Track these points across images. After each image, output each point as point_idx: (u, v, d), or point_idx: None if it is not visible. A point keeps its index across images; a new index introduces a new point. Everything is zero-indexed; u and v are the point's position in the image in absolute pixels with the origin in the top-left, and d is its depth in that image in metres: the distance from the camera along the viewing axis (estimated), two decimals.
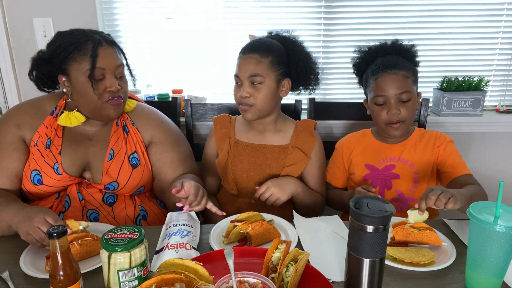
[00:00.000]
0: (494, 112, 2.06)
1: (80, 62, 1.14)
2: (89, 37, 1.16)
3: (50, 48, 1.19)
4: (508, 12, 1.94)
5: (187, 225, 1.05)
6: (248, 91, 1.29)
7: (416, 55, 1.40)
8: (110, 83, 1.16)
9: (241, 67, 1.30)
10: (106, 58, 1.16)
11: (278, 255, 0.85)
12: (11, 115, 1.24)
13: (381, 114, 1.32)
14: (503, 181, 0.85)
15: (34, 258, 0.97)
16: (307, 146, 1.39)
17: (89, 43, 1.14)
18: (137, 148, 1.29)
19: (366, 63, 1.41)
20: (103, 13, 1.90)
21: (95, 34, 1.18)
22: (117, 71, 1.19)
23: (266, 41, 1.35)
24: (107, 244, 0.77)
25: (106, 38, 1.19)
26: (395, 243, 1.02)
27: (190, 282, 0.74)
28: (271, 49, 1.31)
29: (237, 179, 1.40)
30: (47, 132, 1.22)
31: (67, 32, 1.19)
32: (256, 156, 1.39)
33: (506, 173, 2.05)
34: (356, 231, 0.76)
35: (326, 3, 1.91)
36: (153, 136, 1.32)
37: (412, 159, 1.35)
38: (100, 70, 1.15)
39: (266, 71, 1.29)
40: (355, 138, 1.46)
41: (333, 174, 1.48)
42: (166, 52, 1.99)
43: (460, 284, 0.88)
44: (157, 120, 1.36)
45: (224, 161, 1.41)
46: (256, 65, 1.28)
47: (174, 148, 1.34)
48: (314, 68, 1.39)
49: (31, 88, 1.31)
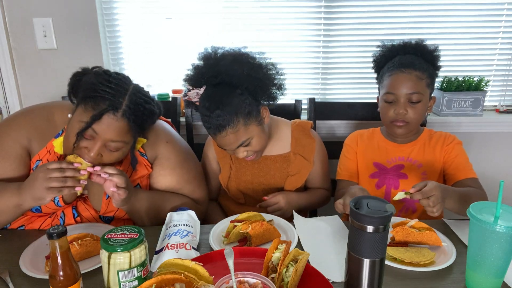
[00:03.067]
0: (494, 112, 2.06)
1: (85, 111, 1.02)
2: (113, 95, 1.02)
3: (86, 78, 1.07)
4: (508, 12, 1.94)
5: (187, 225, 1.05)
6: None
7: (438, 59, 1.37)
8: (90, 148, 1.04)
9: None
10: (107, 128, 1.02)
11: (278, 255, 0.85)
12: (23, 124, 1.14)
13: (389, 111, 1.32)
14: (503, 181, 0.85)
15: (34, 258, 0.97)
16: (307, 150, 1.38)
17: (106, 102, 1.01)
18: (142, 181, 1.22)
19: (385, 60, 1.39)
20: (103, 13, 1.90)
21: (124, 95, 1.04)
22: (112, 145, 1.05)
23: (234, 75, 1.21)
24: (107, 244, 0.77)
25: (127, 108, 1.03)
26: (395, 243, 1.02)
27: (190, 282, 0.74)
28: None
29: (242, 190, 1.40)
30: (48, 159, 1.13)
31: (106, 79, 1.05)
32: (259, 168, 1.38)
33: (506, 173, 2.05)
34: (356, 231, 0.76)
35: (326, 3, 1.91)
36: (156, 156, 1.24)
37: (421, 159, 1.35)
38: (92, 132, 1.02)
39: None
40: (365, 135, 1.46)
41: (347, 169, 1.43)
42: (166, 52, 1.99)
43: (460, 284, 0.88)
44: (162, 139, 1.25)
45: (227, 176, 1.40)
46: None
47: (175, 170, 1.25)
48: (270, 78, 1.26)
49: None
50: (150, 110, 1.10)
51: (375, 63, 1.46)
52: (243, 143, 1.24)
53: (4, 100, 1.92)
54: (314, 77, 2.04)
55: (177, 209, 1.13)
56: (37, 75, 1.89)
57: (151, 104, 1.11)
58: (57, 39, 1.85)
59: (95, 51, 1.88)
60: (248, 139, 1.24)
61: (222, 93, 1.20)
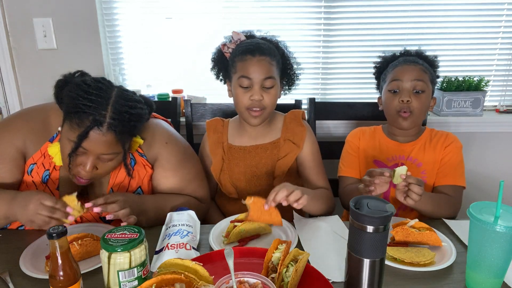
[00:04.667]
0: (494, 112, 2.06)
1: (71, 128, 1.01)
2: (95, 109, 0.99)
3: (68, 89, 1.04)
4: (508, 12, 1.94)
5: (187, 225, 1.05)
6: (261, 94, 1.28)
7: (437, 67, 1.43)
8: (84, 163, 1.04)
9: (254, 69, 1.27)
10: (95, 144, 1.01)
11: (278, 255, 0.85)
12: (20, 127, 1.14)
13: (393, 101, 1.34)
14: (503, 181, 0.85)
15: (34, 258, 0.97)
16: (298, 137, 1.38)
17: (90, 118, 0.99)
18: (144, 182, 1.22)
19: (387, 64, 1.43)
20: (103, 13, 1.90)
21: (106, 105, 1.00)
22: (103, 156, 1.05)
23: (269, 44, 1.34)
24: (107, 244, 0.77)
25: (111, 121, 1.00)
26: (395, 243, 1.02)
27: (190, 282, 0.74)
28: (276, 53, 1.32)
29: (235, 183, 1.40)
30: (43, 162, 1.14)
31: (85, 90, 1.01)
32: (250, 158, 1.39)
33: (506, 173, 2.05)
34: (356, 231, 0.76)
35: (326, 3, 1.91)
36: (156, 157, 1.23)
37: (421, 159, 1.36)
38: (83, 149, 1.02)
39: (276, 74, 1.30)
40: (367, 132, 1.47)
41: (350, 164, 1.44)
42: (166, 52, 1.99)
43: (460, 284, 0.88)
44: (161, 140, 1.24)
45: (220, 167, 1.41)
46: (269, 68, 1.28)
47: (176, 172, 1.24)
48: (297, 70, 1.43)
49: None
50: (137, 114, 1.07)
51: (376, 69, 1.49)
52: (269, 79, 1.27)
53: (4, 100, 1.92)
54: (314, 77, 2.04)
55: (177, 209, 1.13)
56: (37, 75, 1.89)
57: (138, 107, 1.07)
58: (57, 39, 1.85)
59: (95, 51, 1.88)
60: (274, 82, 1.29)
61: (269, 44, 1.34)
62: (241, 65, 1.28)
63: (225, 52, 1.37)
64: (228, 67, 1.36)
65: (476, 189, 1.97)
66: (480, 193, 1.96)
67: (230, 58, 1.35)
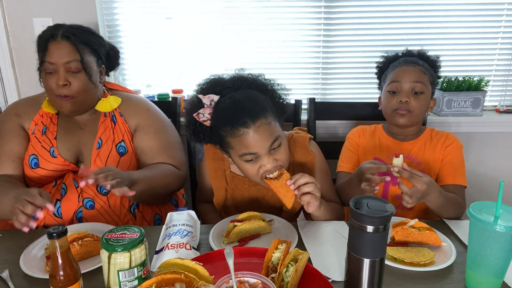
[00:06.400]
0: (494, 112, 2.06)
1: (39, 54, 1.24)
2: (48, 31, 1.23)
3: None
4: (508, 12, 1.94)
5: (187, 225, 1.05)
6: (273, 159, 1.11)
7: (439, 68, 1.44)
8: (56, 77, 1.21)
9: (255, 142, 1.08)
10: (56, 53, 1.20)
11: (278, 255, 0.85)
12: (11, 107, 1.37)
13: (392, 101, 1.35)
14: (503, 181, 0.85)
15: (34, 258, 0.97)
16: (307, 167, 1.28)
17: (48, 36, 1.22)
18: (125, 138, 1.34)
19: (389, 64, 1.44)
20: (103, 13, 1.90)
21: (57, 27, 1.24)
22: (68, 66, 1.21)
23: (255, 97, 1.13)
24: (107, 244, 0.77)
25: (64, 32, 1.22)
26: (395, 243, 1.02)
27: (190, 282, 0.74)
28: (268, 105, 1.13)
29: (240, 208, 1.29)
30: (42, 121, 1.32)
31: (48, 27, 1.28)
32: (256, 190, 1.28)
33: (506, 173, 2.05)
34: (356, 231, 0.76)
35: (326, 3, 1.91)
36: (138, 123, 1.36)
37: (421, 158, 1.37)
38: (49, 65, 1.21)
39: (278, 128, 1.14)
40: (368, 131, 1.47)
41: (350, 161, 1.44)
42: (166, 52, 1.99)
43: (460, 284, 0.88)
44: (143, 107, 1.40)
45: (223, 198, 1.31)
46: (272, 130, 1.10)
47: (156, 136, 1.36)
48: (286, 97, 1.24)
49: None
50: (88, 29, 1.30)
51: (378, 68, 1.50)
52: (276, 140, 1.10)
53: (4, 100, 1.92)
54: (314, 77, 2.04)
55: (177, 209, 1.13)
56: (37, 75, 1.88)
57: (90, 29, 1.31)
58: None
59: None
60: (279, 138, 1.11)
61: (250, 93, 1.13)
62: (238, 142, 1.08)
63: (203, 121, 1.15)
64: (214, 136, 1.17)
65: (476, 189, 1.97)
66: (480, 193, 1.95)
67: (214, 131, 1.14)
